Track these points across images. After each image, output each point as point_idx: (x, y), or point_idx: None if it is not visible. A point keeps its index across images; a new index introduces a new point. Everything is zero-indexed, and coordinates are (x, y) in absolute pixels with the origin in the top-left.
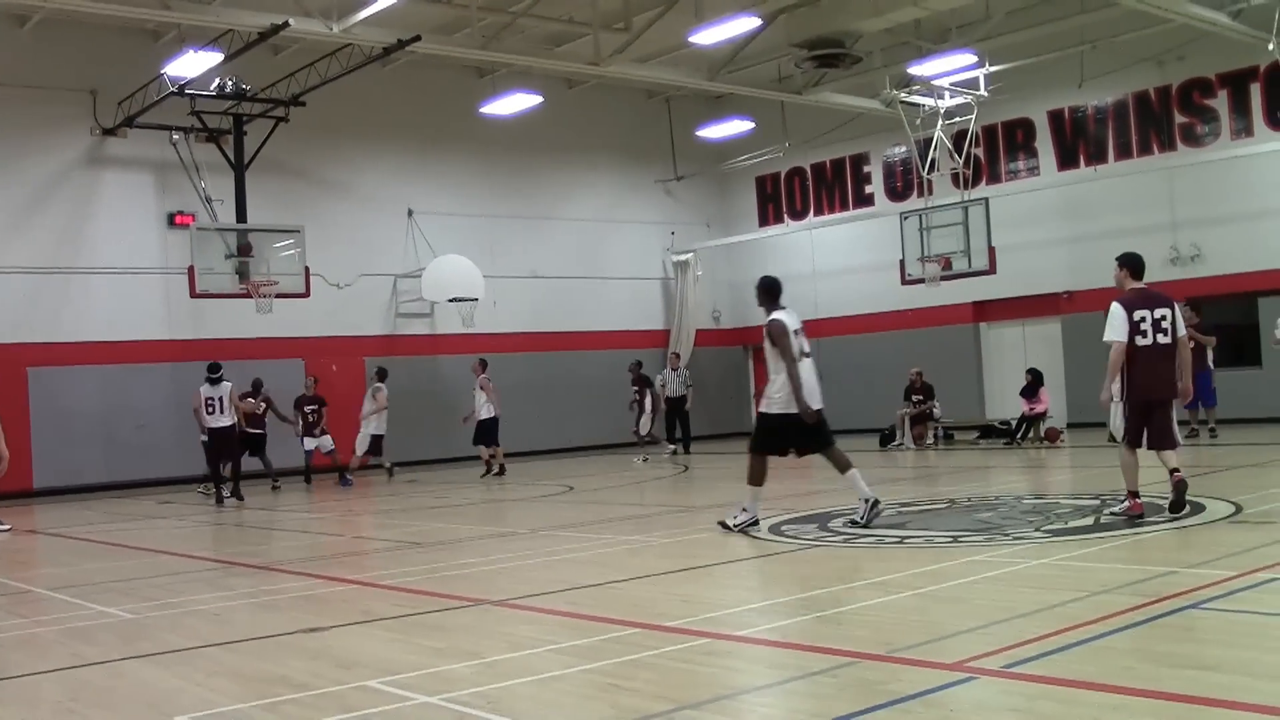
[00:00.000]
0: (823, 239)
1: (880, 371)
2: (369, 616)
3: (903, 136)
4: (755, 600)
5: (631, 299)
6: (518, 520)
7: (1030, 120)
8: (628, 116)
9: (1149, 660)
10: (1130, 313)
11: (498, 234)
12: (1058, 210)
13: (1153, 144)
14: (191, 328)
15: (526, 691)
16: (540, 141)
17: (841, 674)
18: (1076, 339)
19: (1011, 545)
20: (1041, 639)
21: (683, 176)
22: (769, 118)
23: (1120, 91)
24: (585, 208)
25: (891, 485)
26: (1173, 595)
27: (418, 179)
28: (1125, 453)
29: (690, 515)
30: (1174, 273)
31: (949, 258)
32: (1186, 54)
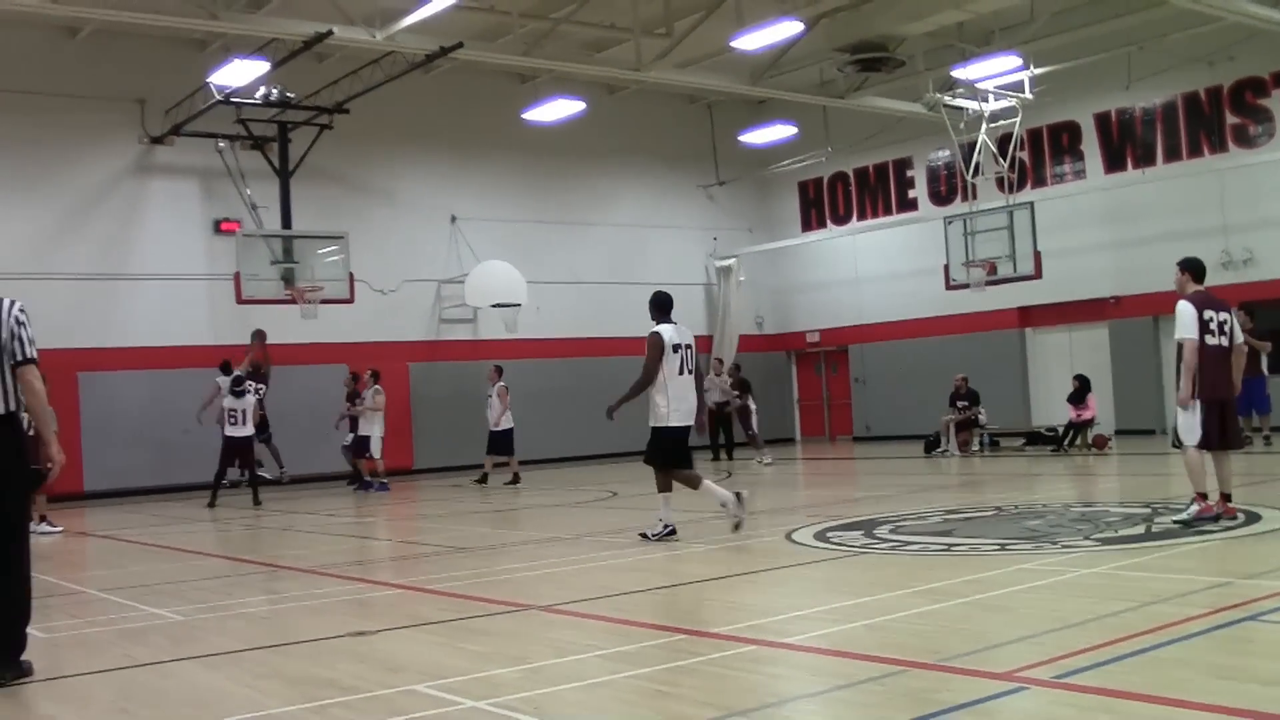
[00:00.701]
0: (866, 244)
1: (924, 377)
2: (415, 621)
3: (946, 140)
4: (801, 607)
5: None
6: (561, 526)
7: (1076, 123)
8: (669, 122)
9: (1204, 673)
10: (1200, 312)
11: (540, 239)
12: (1104, 214)
13: (1203, 146)
14: (237, 333)
15: (572, 697)
16: (582, 147)
17: (889, 682)
18: (1124, 345)
19: (1060, 554)
20: (1093, 649)
21: (725, 182)
22: (811, 122)
23: (1169, 92)
24: (627, 213)
25: (937, 492)
26: (1229, 607)
27: (460, 185)
28: (1193, 455)
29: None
30: (1225, 277)
31: (994, 262)
32: (1238, 53)
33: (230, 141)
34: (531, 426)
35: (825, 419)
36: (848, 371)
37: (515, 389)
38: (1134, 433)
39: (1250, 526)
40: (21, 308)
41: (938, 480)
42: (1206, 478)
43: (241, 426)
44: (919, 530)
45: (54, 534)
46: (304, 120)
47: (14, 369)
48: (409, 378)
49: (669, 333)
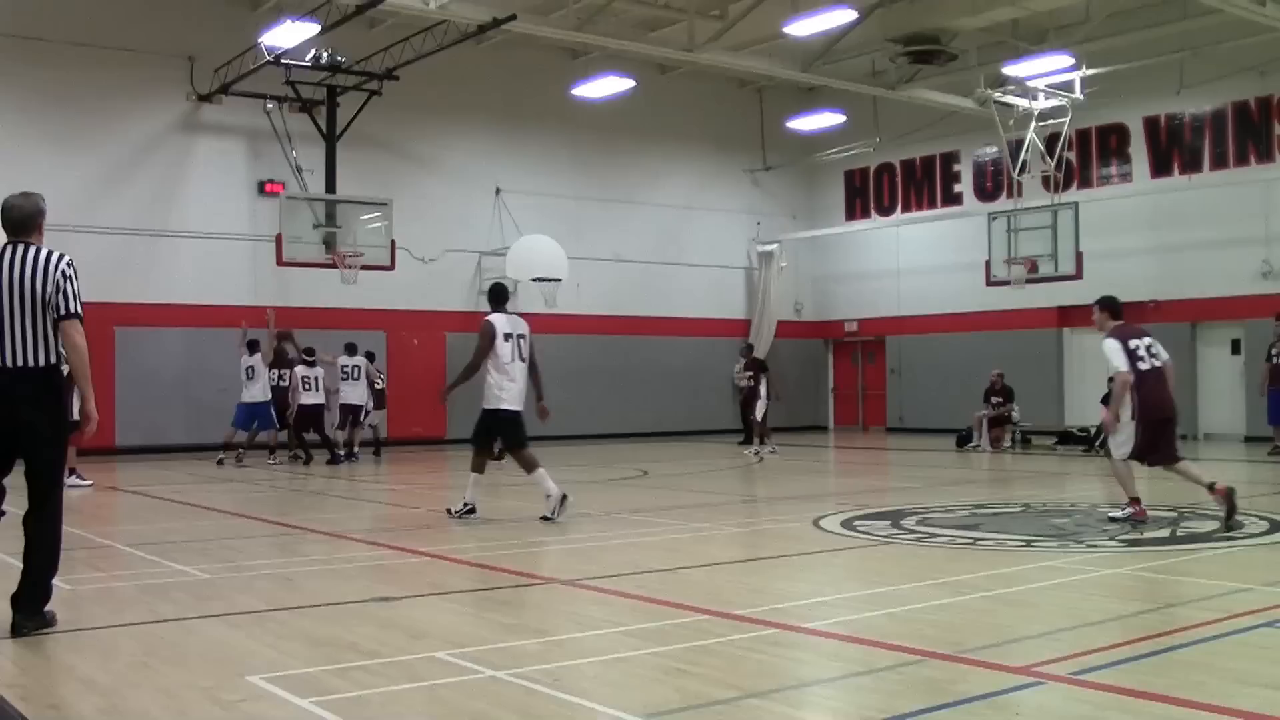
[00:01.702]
0: (909, 236)
1: (960, 372)
2: (440, 589)
3: (994, 137)
4: (824, 593)
5: (713, 287)
6: (590, 502)
7: (1125, 126)
8: (718, 104)
9: (1221, 676)
10: (1125, 344)
11: (583, 216)
12: (1148, 218)
13: (1250, 155)
14: (276, 295)
15: (592, 671)
16: (629, 125)
17: (907, 671)
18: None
19: (1085, 553)
20: (1111, 648)
21: (771, 167)
22: (860, 112)
23: (1219, 100)
24: (672, 194)
25: (967, 486)
26: (1248, 612)
27: (506, 158)
28: (1119, 465)
29: (762, 506)
30: (1265, 287)
31: (1035, 261)
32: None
33: (278, 103)
34: (567, 403)
35: (859, 409)
36: (884, 362)
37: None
38: None
39: (1274, 535)
40: (69, 262)
41: (968, 475)
42: (1134, 483)
43: (316, 394)
44: (946, 523)
45: (83, 487)
46: (353, 85)
47: (56, 322)
48: (446, 347)
49: (501, 322)
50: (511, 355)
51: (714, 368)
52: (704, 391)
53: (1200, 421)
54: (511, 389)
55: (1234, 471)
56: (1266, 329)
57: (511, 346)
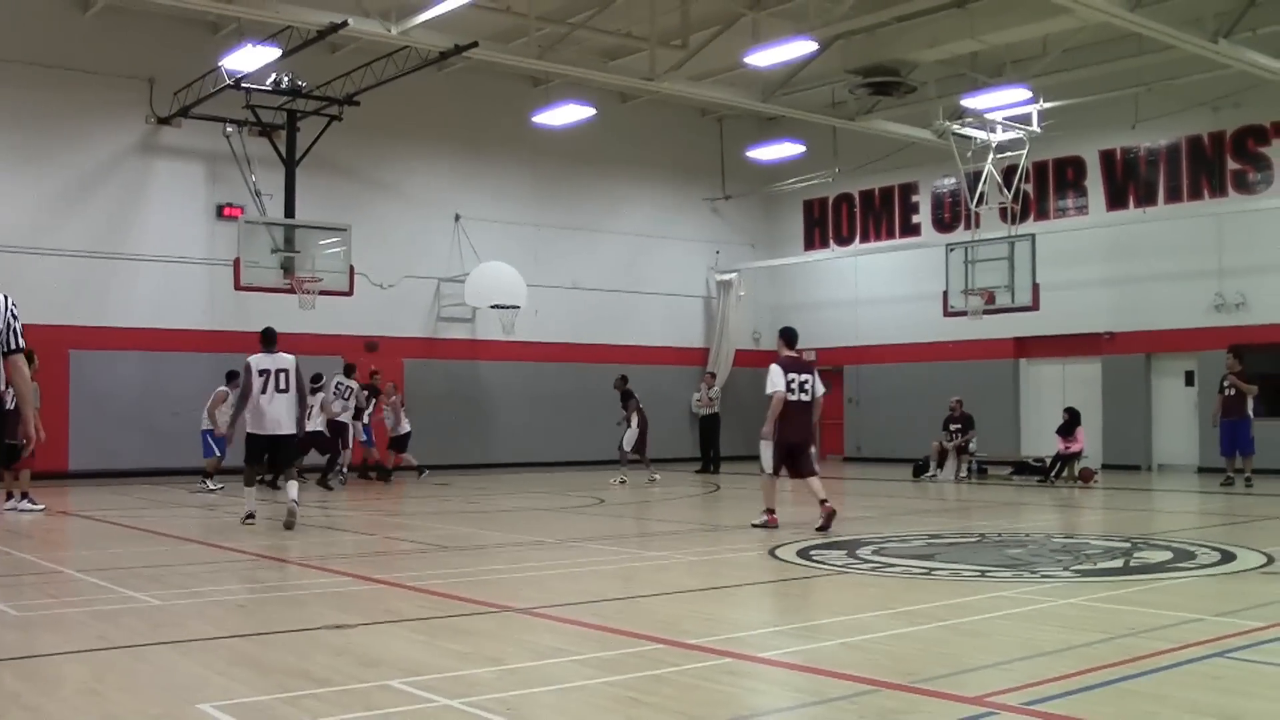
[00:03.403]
0: (867, 266)
1: (917, 402)
2: (395, 616)
3: (953, 168)
4: (779, 623)
5: (672, 315)
6: (547, 530)
7: (1081, 159)
8: (679, 133)
9: (1172, 706)
10: (787, 373)
11: (542, 243)
12: (1104, 250)
13: (1203, 189)
14: (233, 319)
15: (546, 700)
16: (590, 153)
17: (861, 701)
18: (1116, 380)
19: (1039, 583)
20: (1064, 678)
21: (730, 196)
22: (820, 142)
23: (1174, 134)
24: (631, 222)
25: (923, 516)
26: (1199, 642)
27: (466, 184)
28: (767, 480)
29: (718, 534)
30: (1218, 319)
31: (993, 292)
32: (1242, 101)
33: (238, 126)
34: (525, 430)
35: (817, 437)
36: (842, 391)
37: (510, 392)
38: (1121, 467)
39: (1225, 565)
40: (14, 302)
41: (924, 504)
42: (776, 496)
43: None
44: (901, 553)
45: (35, 511)
46: (313, 110)
47: (4, 356)
48: (404, 374)
49: (256, 360)
50: (265, 388)
51: (673, 396)
52: (662, 420)
53: (1154, 452)
54: (261, 418)
55: (1186, 502)
56: (1219, 361)
57: (264, 380)
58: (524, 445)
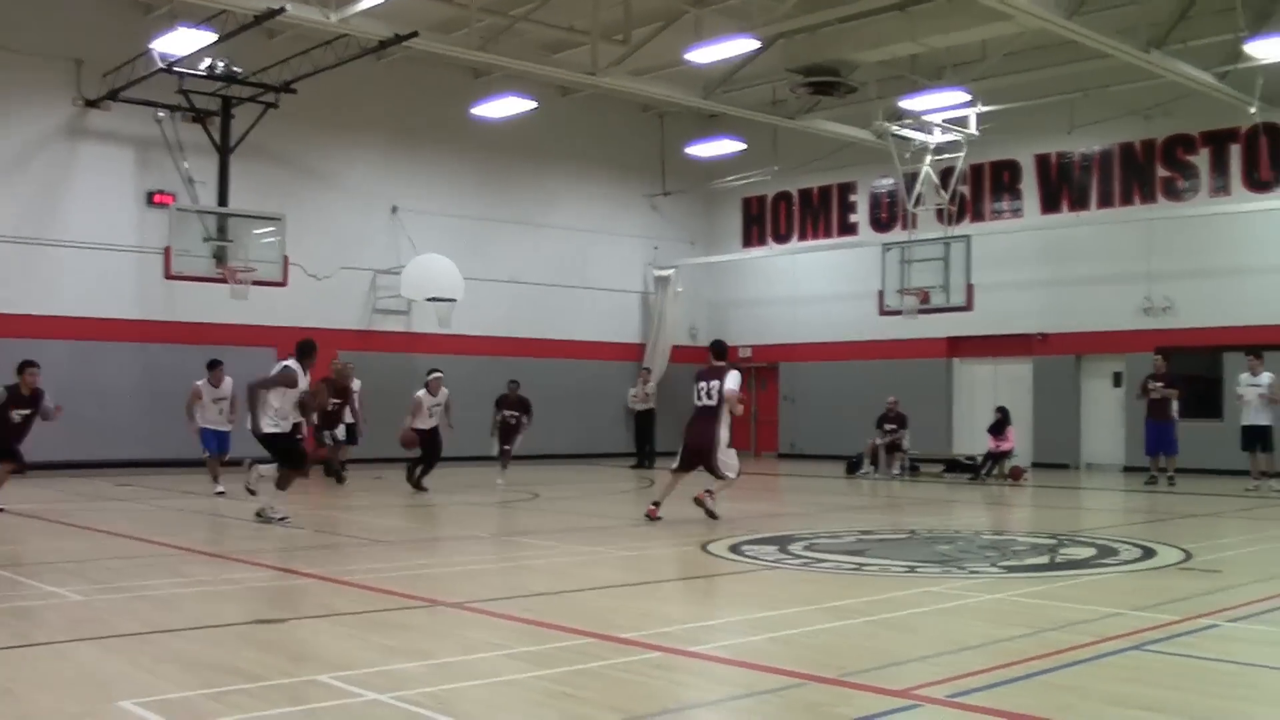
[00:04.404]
0: (805, 264)
1: (852, 400)
2: (325, 611)
3: (891, 168)
4: (710, 617)
5: (609, 311)
6: (480, 525)
7: (1017, 162)
8: (619, 128)
9: (1090, 698)
10: (696, 381)
11: (480, 236)
12: (1037, 253)
13: (1134, 195)
14: (163, 309)
15: (476, 694)
16: (530, 147)
17: (789, 695)
18: (1047, 380)
19: (967, 579)
20: (987, 671)
21: (670, 192)
22: (760, 140)
23: (1107, 141)
24: (570, 216)
25: (855, 513)
26: (1117, 636)
27: (404, 175)
28: (667, 475)
29: (651, 529)
30: (1146, 322)
31: (928, 292)
32: (1173, 110)
33: (170, 112)
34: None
35: (752, 434)
36: (777, 388)
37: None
38: (1050, 466)
39: (1146, 561)
40: None
41: (856, 501)
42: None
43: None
44: (832, 549)
45: None
46: (249, 97)
47: None
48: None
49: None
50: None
51: (609, 391)
52: (598, 415)
53: (1083, 451)
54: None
55: (1111, 500)
56: (1147, 363)
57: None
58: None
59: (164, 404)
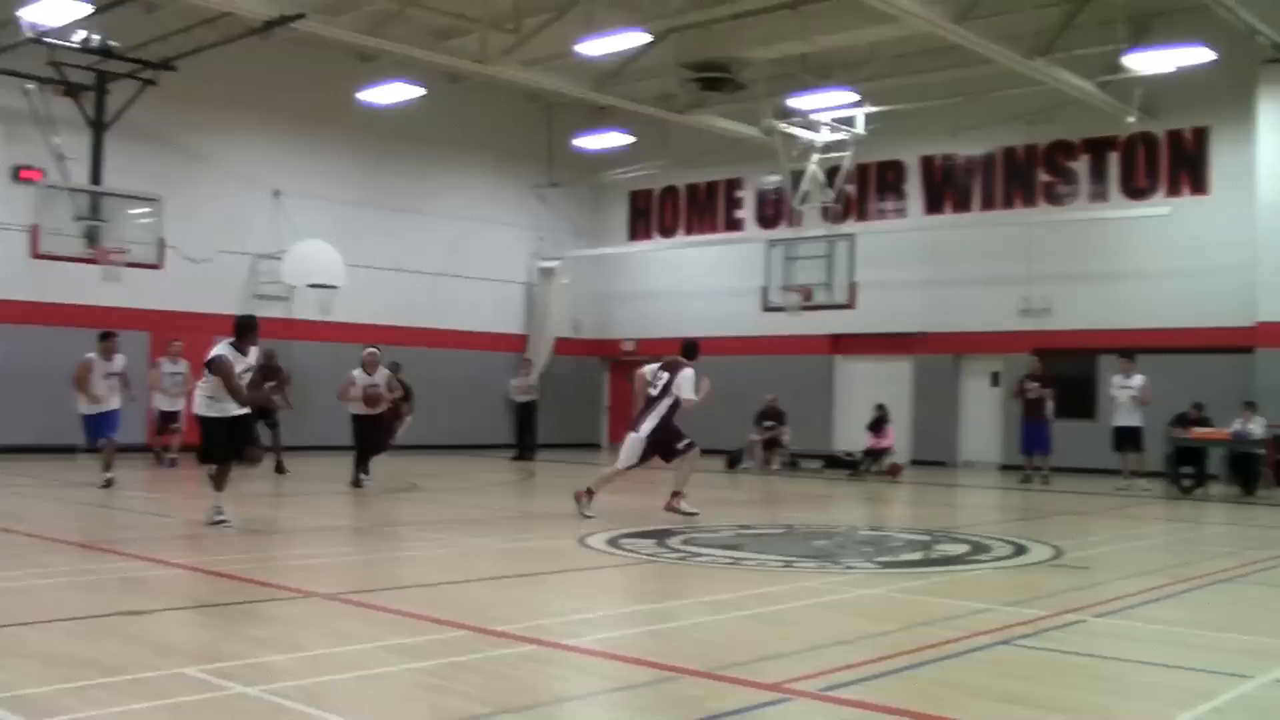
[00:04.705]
0: (690, 258)
1: (734, 394)
2: (194, 602)
3: (778, 166)
4: (586, 610)
5: (493, 301)
6: (359, 515)
7: (902, 163)
8: (507, 118)
9: (958, 691)
10: (651, 373)
11: (365, 223)
12: (920, 253)
13: (1016, 199)
14: (31, 289)
15: (347, 687)
16: (417, 134)
17: (662, 688)
18: (926, 379)
19: (842, 574)
20: (859, 665)
21: (557, 184)
22: (648, 134)
23: (991, 145)
24: (456, 205)
25: (733, 507)
26: (987, 631)
27: (287, 159)
28: (612, 470)
29: (531, 522)
30: (1024, 323)
31: (811, 289)
32: (1055, 117)
33: (39, 84)
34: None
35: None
36: None
37: (327, 374)
38: (928, 463)
39: (1018, 558)
40: None
41: (736, 496)
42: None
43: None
44: (710, 543)
45: None
46: (126, 73)
47: None
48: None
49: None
50: None
51: (491, 382)
52: (480, 405)
53: (960, 449)
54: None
55: (986, 498)
56: (1024, 363)
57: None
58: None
59: (30, 388)
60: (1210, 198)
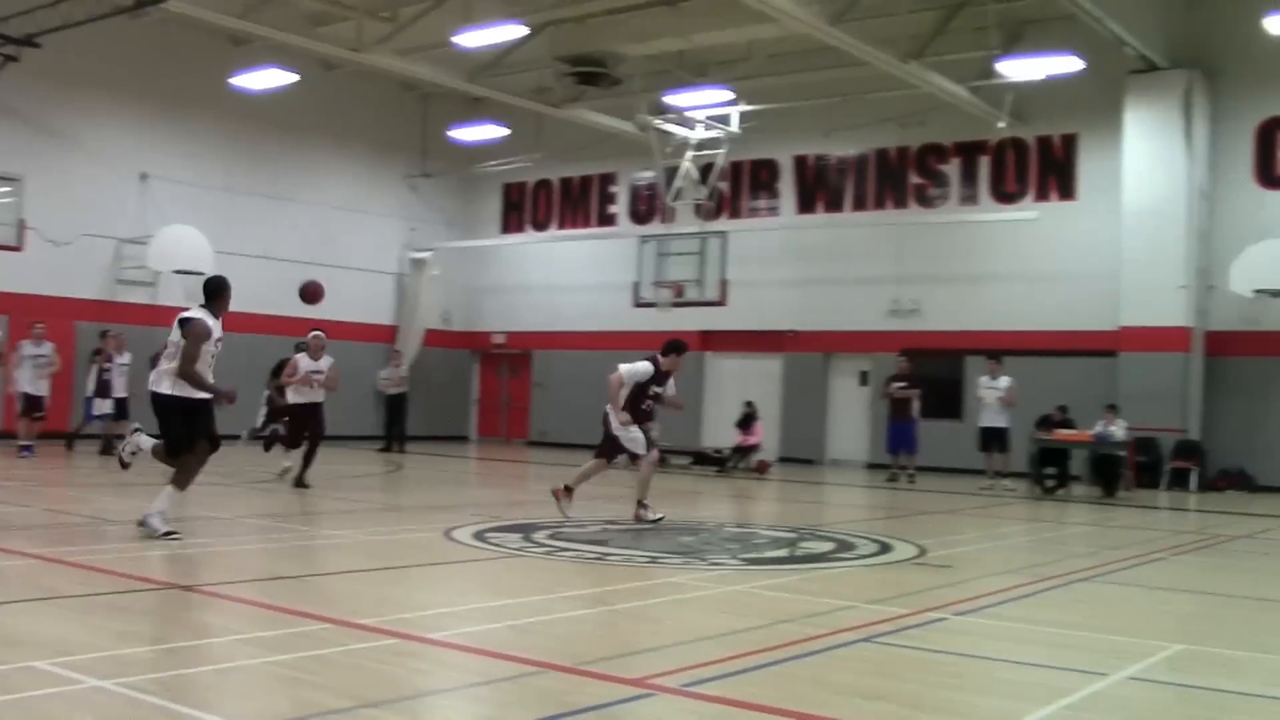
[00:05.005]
0: (563, 252)
1: (604, 390)
2: (48, 594)
3: (652, 162)
4: (450, 604)
5: (364, 292)
6: (222, 506)
7: (776, 162)
8: (382, 107)
9: (820, 687)
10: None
11: (235, 210)
12: (792, 252)
13: (887, 200)
14: None
15: (205, 680)
16: (289, 121)
17: (525, 682)
18: (795, 377)
19: (707, 570)
20: (722, 661)
21: (430, 174)
22: (523, 126)
23: (864, 146)
24: (328, 194)
25: (601, 502)
26: (850, 628)
27: (156, 143)
28: (592, 464)
29: (397, 515)
30: (894, 324)
31: (682, 285)
32: (927, 120)
33: None
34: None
35: (503, 421)
36: (529, 376)
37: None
38: (797, 461)
39: (882, 556)
40: None
41: (603, 491)
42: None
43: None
44: (576, 538)
45: None
46: None
47: None
48: (75, 337)
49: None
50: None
51: (360, 373)
52: (348, 396)
53: (828, 448)
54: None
55: (853, 496)
56: (892, 363)
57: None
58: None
59: None
60: (1077, 204)
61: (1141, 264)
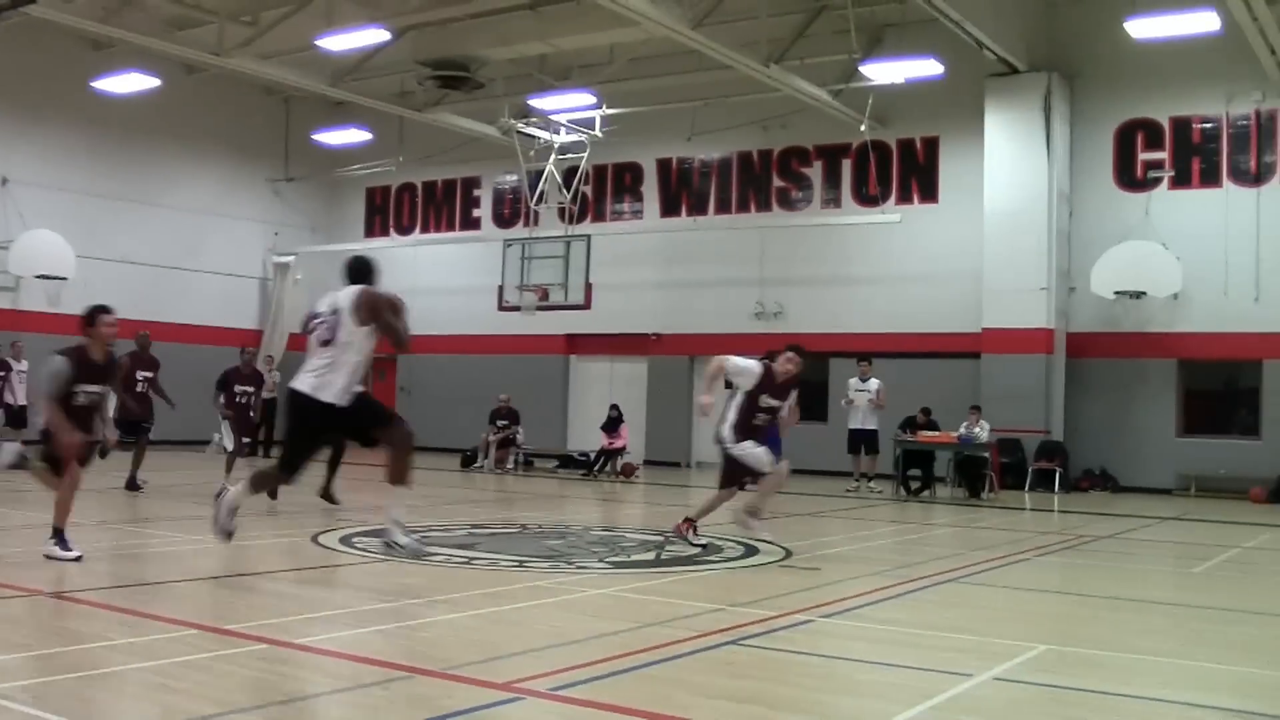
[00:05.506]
0: (427, 256)
1: (470, 393)
2: None
3: (515, 166)
4: (318, 609)
5: (227, 296)
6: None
7: (639, 165)
8: (244, 111)
9: (686, 690)
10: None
11: (97, 214)
12: (656, 255)
13: (750, 203)
14: None
15: (72, 688)
16: (151, 124)
17: (394, 687)
18: (660, 380)
19: (574, 574)
20: (590, 665)
21: (293, 178)
22: (386, 130)
23: (726, 149)
24: (190, 197)
25: (468, 507)
26: (717, 631)
27: (16, 146)
28: (721, 494)
29: (261, 520)
30: (758, 326)
31: (547, 289)
32: (790, 124)
33: None
34: None
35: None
36: (395, 380)
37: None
38: (662, 464)
39: (749, 559)
40: None
41: (470, 495)
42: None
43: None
44: (444, 542)
45: None
46: None
47: None
48: None
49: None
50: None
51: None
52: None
53: (694, 450)
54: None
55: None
56: None
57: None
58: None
59: None
60: (939, 206)
61: (1003, 266)
